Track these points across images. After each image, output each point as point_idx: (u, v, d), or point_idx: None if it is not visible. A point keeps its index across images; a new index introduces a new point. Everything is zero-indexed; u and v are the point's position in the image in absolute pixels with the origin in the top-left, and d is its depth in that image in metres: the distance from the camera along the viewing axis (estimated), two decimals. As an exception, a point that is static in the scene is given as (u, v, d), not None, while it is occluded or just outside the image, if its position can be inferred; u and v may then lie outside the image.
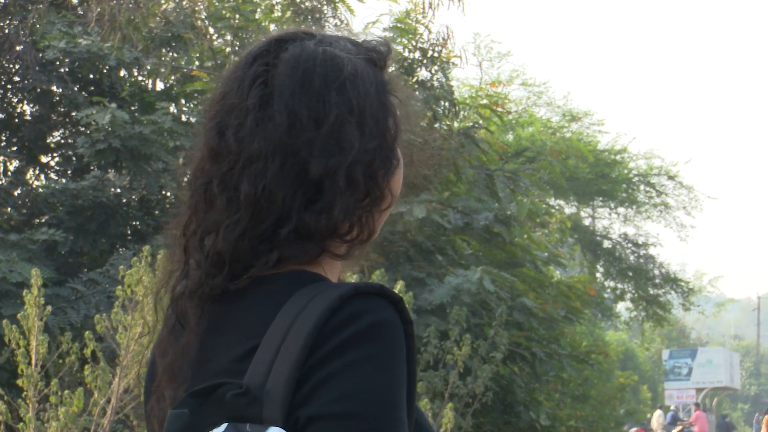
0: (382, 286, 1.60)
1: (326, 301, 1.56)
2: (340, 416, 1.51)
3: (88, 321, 10.72)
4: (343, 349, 1.53)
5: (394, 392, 1.53)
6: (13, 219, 14.17)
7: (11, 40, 14.23)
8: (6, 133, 15.57)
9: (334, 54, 1.71)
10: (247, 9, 15.15)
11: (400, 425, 1.52)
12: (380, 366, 1.53)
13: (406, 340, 1.57)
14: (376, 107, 1.70)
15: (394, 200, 1.72)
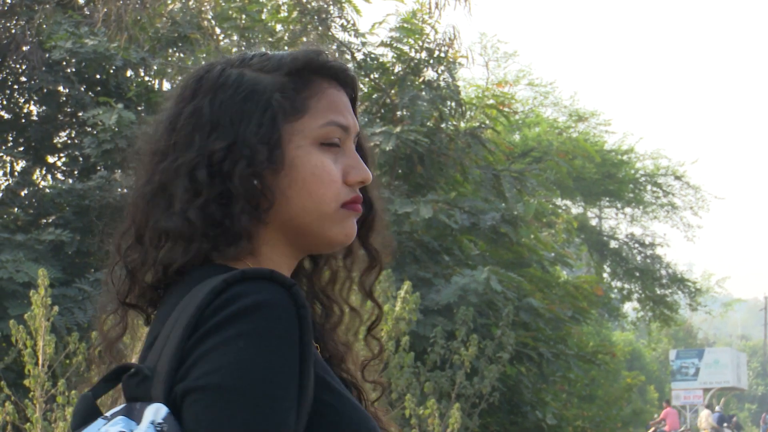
0: (272, 272, 1.65)
1: (211, 285, 1.63)
2: (207, 388, 1.56)
3: (94, 321, 10.73)
4: (219, 327, 1.59)
5: (265, 367, 1.57)
6: (20, 219, 14.18)
7: (18, 41, 14.24)
8: (13, 133, 15.59)
9: (223, 71, 1.86)
10: (253, 9, 15.16)
11: (267, 400, 1.56)
12: (253, 342, 1.58)
13: (300, 323, 1.61)
14: (234, 111, 1.80)
15: (273, 198, 1.78)
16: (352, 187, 1.81)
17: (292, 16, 14.95)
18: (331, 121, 1.80)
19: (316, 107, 1.81)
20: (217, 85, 1.84)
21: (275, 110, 1.79)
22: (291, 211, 1.78)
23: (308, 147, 1.79)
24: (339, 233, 1.80)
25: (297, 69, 1.84)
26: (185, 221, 1.77)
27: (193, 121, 1.82)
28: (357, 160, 1.82)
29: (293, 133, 1.79)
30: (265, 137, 1.77)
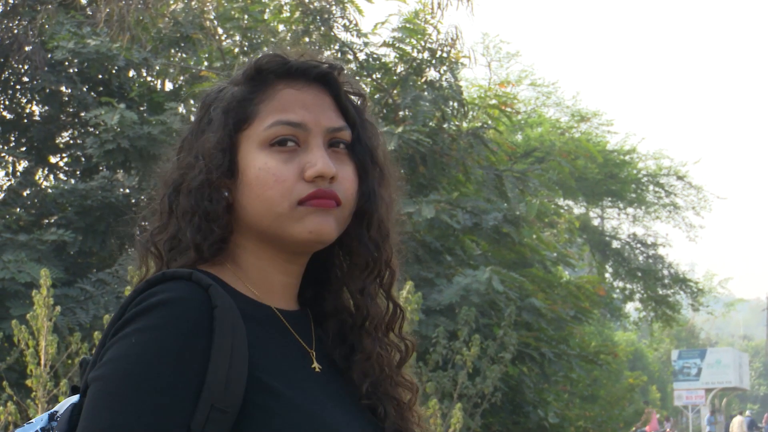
0: (192, 273, 1.70)
1: (138, 285, 1.71)
2: (95, 378, 1.63)
3: (97, 321, 10.74)
4: (126, 323, 1.65)
5: (145, 362, 1.60)
6: (22, 219, 14.19)
7: (20, 41, 14.25)
8: (15, 133, 15.60)
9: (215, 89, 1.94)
10: (255, 9, 15.15)
11: (138, 394, 1.58)
12: (144, 338, 1.62)
13: (210, 322, 1.64)
14: (200, 127, 1.89)
15: (223, 208, 1.83)
16: (312, 183, 1.79)
17: (295, 17, 14.93)
18: (276, 121, 1.81)
19: (265, 110, 1.83)
20: (205, 103, 1.92)
21: (228, 120, 1.82)
22: (249, 216, 1.81)
23: (255, 151, 1.81)
24: (301, 231, 1.79)
25: (252, 75, 1.87)
26: (151, 237, 1.89)
27: (181, 140, 1.92)
28: (315, 155, 1.80)
29: (244, 141, 1.82)
30: (216, 149, 1.81)
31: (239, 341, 1.66)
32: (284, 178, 1.78)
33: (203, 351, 1.62)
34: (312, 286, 1.96)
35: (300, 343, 1.83)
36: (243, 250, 1.84)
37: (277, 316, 1.83)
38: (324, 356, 1.87)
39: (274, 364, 1.73)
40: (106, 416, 1.58)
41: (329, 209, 1.80)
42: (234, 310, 1.68)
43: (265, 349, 1.73)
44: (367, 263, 1.91)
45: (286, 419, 1.67)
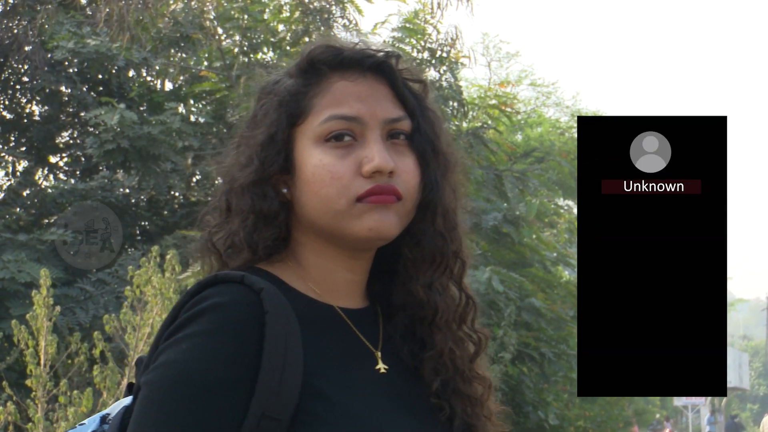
0: (244, 276, 1.65)
1: (191, 287, 1.68)
2: (146, 383, 1.61)
3: (96, 321, 10.72)
4: (179, 327, 1.62)
5: (197, 367, 1.58)
6: (22, 219, 14.18)
7: (20, 41, 14.24)
8: (15, 133, 15.59)
9: (271, 81, 1.90)
10: (255, 9, 15.14)
11: (185, 400, 1.56)
12: (194, 343, 1.59)
13: (265, 328, 1.60)
14: (255, 122, 1.85)
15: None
16: (370, 178, 1.73)
17: (294, 16, 14.93)
18: (330, 116, 1.75)
19: (319, 104, 1.77)
20: (260, 96, 1.87)
21: (282, 115, 1.78)
22: (308, 214, 1.76)
23: (310, 147, 1.75)
24: (361, 228, 1.73)
25: (305, 67, 1.82)
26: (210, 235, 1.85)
27: (239, 135, 1.87)
28: (373, 149, 1.74)
29: (299, 137, 1.77)
30: (273, 144, 1.77)
31: (293, 347, 1.62)
32: (341, 174, 1.72)
33: (253, 357, 1.59)
34: (380, 279, 1.89)
35: (364, 343, 1.78)
36: (304, 248, 1.80)
37: (340, 317, 1.78)
38: (391, 355, 1.81)
39: (331, 370, 1.68)
40: (153, 423, 1.56)
41: (389, 205, 1.74)
42: (288, 314, 1.64)
43: (322, 353, 1.69)
44: (435, 255, 1.85)
45: (340, 428, 1.62)
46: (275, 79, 1.86)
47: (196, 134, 14.86)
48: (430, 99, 1.89)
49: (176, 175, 14.59)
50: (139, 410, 1.59)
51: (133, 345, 7.69)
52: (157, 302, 7.74)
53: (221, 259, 1.83)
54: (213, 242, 1.84)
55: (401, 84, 1.83)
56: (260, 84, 1.89)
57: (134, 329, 7.71)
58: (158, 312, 7.71)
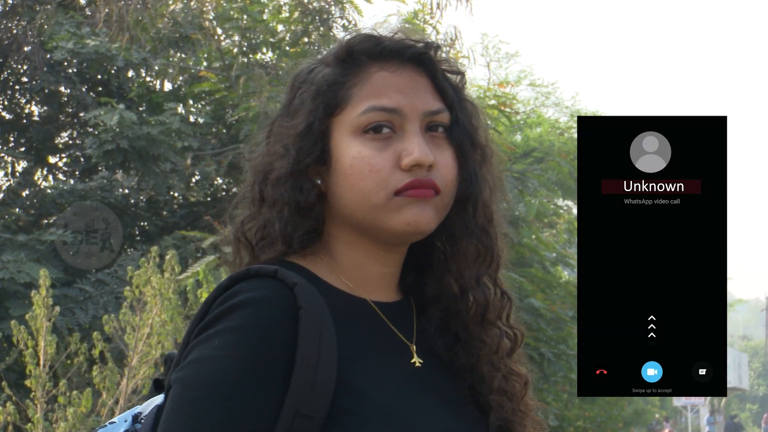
0: (277, 270, 1.62)
1: (222, 281, 1.64)
2: (177, 380, 1.58)
3: (96, 321, 10.72)
4: (210, 323, 1.59)
5: (229, 364, 1.54)
6: (21, 220, 14.18)
7: (19, 41, 14.23)
8: (14, 133, 15.58)
9: (306, 69, 1.86)
10: (254, 10, 15.14)
11: (216, 398, 1.53)
12: (227, 340, 1.56)
13: (299, 324, 1.57)
14: (290, 111, 1.80)
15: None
16: (409, 172, 1.70)
17: (294, 17, 14.93)
18: (370, 107, 1.71)
19: (358, 95, 1.73)
20: (294, 84, 1.83)
21: (319, 105, 1.74)
22: (343, 206, 1.73)
23: (348, 138, 1.72)
24: (399, 223, 1.70)
25: (344, 57, 1.78)
26: (242, 226, 1.82)
27: (270, 124, 1.83)
28: (412, 142, 1.70)
29: (336, 128, 1.74)
30: (309, 134, 1.73)
31: (327, 343, 1.59)
32: (380, 167, 1.69)
33: (287, 354, 1.56)
34: (413, 270, 1.86)
35: (399, 337, 1.75)
36: (337, 241, 1.76)
37: (374, 310, 1.75)
38: (426, 348, 1.78)
39: (365, 365, 1.65)
40: (184, 422, 1.53)
41: (427, 199, 1.70)
42: (322, 310, 1.61)
43: (356, 348, 1.66)
44: (470, 250, 1.81)
45: (374, 425, 1.59)
46: (309, 67, 1.82)
47: (195, 134, 14.85)
48: (468, 91, 1.86)
49: (175, 176, 14.59)
50: (171, 408, 1.56)
51: (133, 345, 7.69)
52: (156, 303, 7.74)
53: (253, 251, 1.79)
54: (245, 234, 1.80)
55: (440, 76, 1.80)
56: (294, 72, 1.86)
57: (133, 330, 7.71)
58: (158, 312, 7.71)
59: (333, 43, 14.66)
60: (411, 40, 1.81)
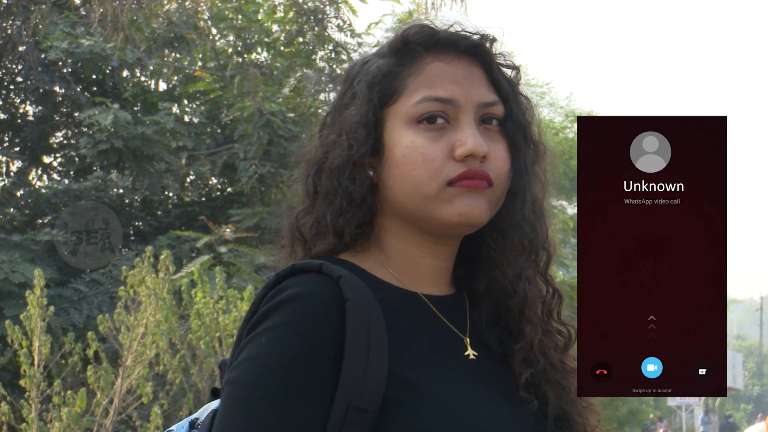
0: (322, 264, 1.61)
1: (269, 279, 1.63)
2: (228, 382, 1.57)
3: (90, 321, 10.72)
4: (258, 320, 1.58)
5: (278, 361, 1.54)
6: (16, 219, 14.17)
7: (14, 41, 14.23)
8: (9, 133, 15.58)
9: (360, 61, 1.85)
10: (249, 9, 15.14)
11: (270, 395, 1.53)
12: (275, 337, 1.55)
13: (346, 316, 1.56)
14: (345, 101, 1.78)
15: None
16: (463, 162, 1.67)
17: (289, 17, 14.94)
18: (425, 97, 1.69)
19: (413, 85, 1.72)
20: (349, 76, 1.82)
21: (367, 95, 1.73)
22: (395, 197, 1.71)
23: (402, 128, 1.70)
24: (451, 213, 1.67)
25: (399, 47, 1.76)
26: (297, 220, 1.79)
27: (324, 116, 1.82)
28: (466, 133, 1.68)
29: (390, 118, 1.72)
30: (363, 124, 1.72)
31: (376, 335, 1.57)
32: (433, 156, 1.67)
33: (335, 347, 1.55)
34: (464, 263, 1.83)
35: (452, 330, 1.73)
36: (388, 234, 1.74)
37: (425, 304, 1.73)
38: (479, 341, 1.75)
39: (418, 357, 1.63)
40: (239, 421, 1.53)
41: (480, 190, 1.68)
42: (370, 302, 1.60)
43: (408, 340, 1.64)
44: (521, 245, 1.78)
45: (429, 416, 1.57)
46: (363, 59, 1.81)
47: (190, 134, 14.85)
48: (522, 85, 1.86)
49: (170, 176, 14.59)
50: (225, 409, 1.56)
51: (127, 345, 7.68)
52: (151, 302, 7.74)
53: (306, 246, 1.78)
54: (299, 228, 1.79)
55: (496, 68, 1.79)
56: (348, 65, 1.86)
57: (128, 329, 7.70)
58: (152, 312, 7.71)
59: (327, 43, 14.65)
60: (467, 31, 1.80)
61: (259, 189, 14.23)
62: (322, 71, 14.90)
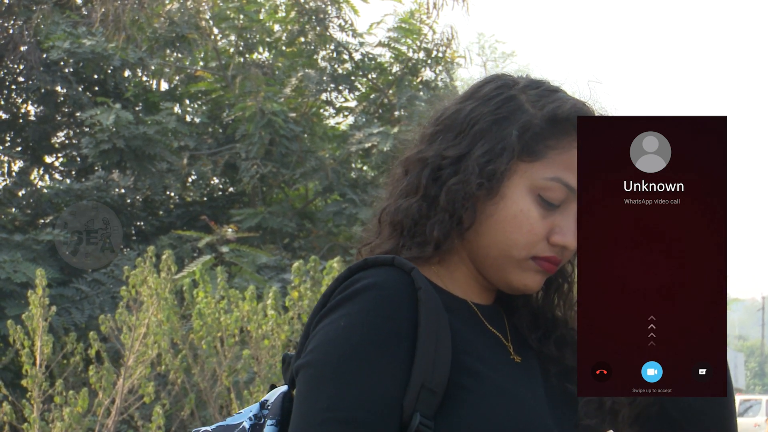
0: (395, 258, 1.70)
1: (341, 273, 1.70)
2: (304, 365, 1.65)
3: (92, 321, 10.73)
4: (332, 309, 1.67)
5: (355, 344, 1.61)
6: (18, 219, 14.17)
7: (15, 41, 14.23)
8: (10, 133, 15.58)
9: (501, 86, 1.93)
10: (251, 9, 15.15)
11: (349, 376, 1.60)
12: (352, 321, 1.63)
13: (416, 304, 1.64)
14: (482, 128, 1.84)
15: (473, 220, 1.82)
16: (553, 247, 1.78)
17: (290, 16, 14.94)
18: (557, 178, 1.77)
19: (553, 159, 1.79)
20: (488, 96, 1.85)
21: (514, 144, 1.78)
22: (484, 239, 1.79)
23: (524, 191, 1.78)
24: (519, 281, 1.80)
25: (558, 117, 1.82)
26: (394, 210, 1.83)
27: (449, 120, 1.86)
28: (568, 224, 1.78)
29: (519, 172, 1.78)
30: (492, 164, 1.77)
31: (443, 323, 1.66)
32: (536, 232, 1.77)
33: (411, 332, 1.63)
34: None
35: (497, 335, 1.82)
36: (457, 256, 1.83)
37: (473, 310, 1.82)
38: (521, 347, 1.85)
39: (475, 350, 1.73)
40: (323, 398, 1.59)
41: (546, 273, 1.81)
42: (435, 294, 1.69)
43: (464, 336, 1.73)
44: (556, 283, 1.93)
45: (491, 401, 1.67)
46: (507, 90, 1.86)
47: (191, 134, 14.86)
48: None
49: (172, 175, 14.59)
50: (305, 389, 1.62)
51: (129, 345, 7.68)
52: (152, 302, 7.74)
53: (400, 237, 1.83)
54: (402, 221, 1.84)
55: None
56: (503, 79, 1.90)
57: (130, 329, 7.70)
58: (154, 312, 7.72)
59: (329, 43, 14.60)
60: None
61: (261, 189, 14.24)
62: (323, 71, 14.91)
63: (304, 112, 14.46)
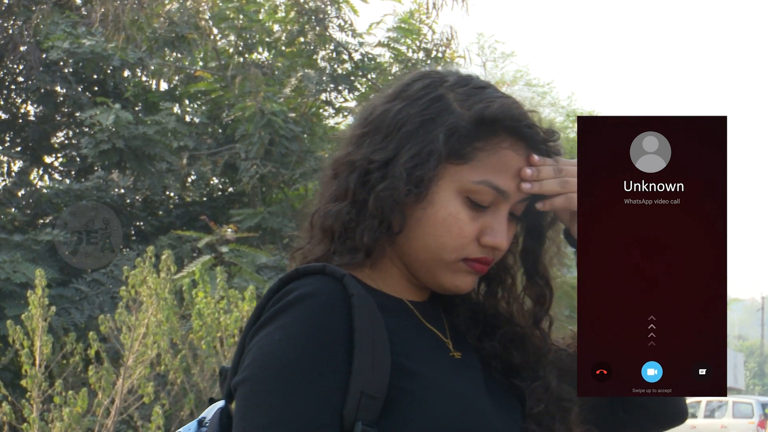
0: (325, 266, 1.68)
1: (273, 284, 1.69)
2: (244, 380, 1.63)
3: (92, 321, 10.73)
4: (266, 322, 1.65)
5: (292, 357, 1.60)
6: (17, 219, 14.17)
7: (15, 41, 14.23)
8: (10, 133, 15.58)
9: (429, 85, 1.90)
10: (250, 9, 15.14)
11: (289, 388, 1.58)
12: (287, 333, 1.61)
13: (350, 311, 1.63)
14: (409, 130, 1.83)
15: (403, 226, 1.80)
16: (484, 248, 1.77)
17: (290, 17, 14.93)
18: (486, 181, 1.75)
19: (482, 161, 1.76)
20: (415, 96, 1.82)
21: (441, 148, 1.75)
22: (415, 242, 1.77)
23: (452, 194, 1.76)
24: (450, 283, 1.79)
25: (486, 118, 1.78)
26: (324, 215, 1.80)
27: (377, 121, 1.82)
28: (498, 225, 1.77)
29: (447, 176, 1.76)
30: (420, 170, 1.75)
31: (379, 327, 1.65)
32: (466, 234, 1.75)
33: (347, 339, 1.62)
34: None
35: (435, 333, 1.81)
36: (388, 260, 1.81)
37: (410, 308, 1.81)
38: (460, 343, 1.84)
39: (413, 351, 1.72)
40: (263, 414, 1.58)
41: (478, 273, 1.80)
42: (369, 299, 1.68)
43: (401, 336, 1.71)
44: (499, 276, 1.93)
45: (432, 401, 1.66)
46: (434, 89, 1.83)
47: (191, 134, 14.85)
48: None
49: (171, 176, 14.59)
50: (244, 405, 1.61)
51: (128, 345, 7.68)
52: (152, 302, 7.74)
53: (331, 243, 1.81)
54: (332, 226, 1.81)
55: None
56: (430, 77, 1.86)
57: (129, 329, 7.70)
58: (153, 312, 7.71)
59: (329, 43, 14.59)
60: (540, 128, 1.83)
61: (260, 189, 14.24)
62: (323, 71, 14.90)
63: (303, 113, 14.46)
